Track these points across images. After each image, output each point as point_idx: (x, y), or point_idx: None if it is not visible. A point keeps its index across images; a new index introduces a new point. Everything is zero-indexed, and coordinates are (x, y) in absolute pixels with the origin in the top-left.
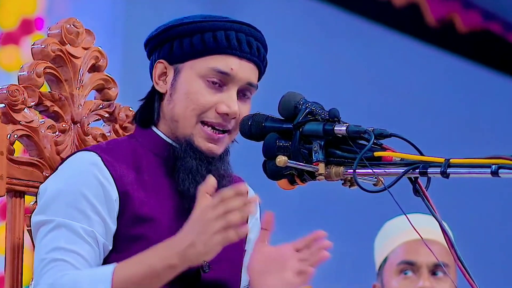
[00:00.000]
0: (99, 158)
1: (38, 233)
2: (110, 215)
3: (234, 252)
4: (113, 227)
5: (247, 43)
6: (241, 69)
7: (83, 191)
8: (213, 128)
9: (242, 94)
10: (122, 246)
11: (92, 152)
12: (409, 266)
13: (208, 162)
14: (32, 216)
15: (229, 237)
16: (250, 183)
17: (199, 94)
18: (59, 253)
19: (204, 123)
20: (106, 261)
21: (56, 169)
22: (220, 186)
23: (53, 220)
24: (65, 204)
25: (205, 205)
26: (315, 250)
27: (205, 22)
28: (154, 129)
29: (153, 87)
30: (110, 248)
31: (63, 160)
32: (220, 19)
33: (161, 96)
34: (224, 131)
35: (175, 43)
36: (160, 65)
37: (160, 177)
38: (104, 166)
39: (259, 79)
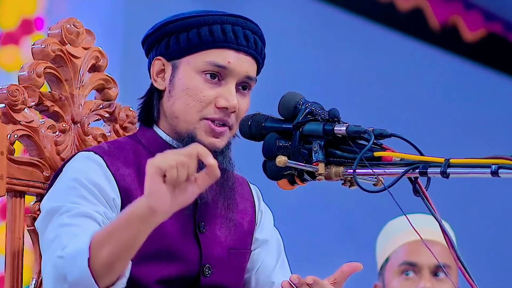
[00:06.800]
0: (101, 158)
1: (43, 223)
2: (111, 209)
3: (235, 257)
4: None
5: (244, 36)
6: (239, 62)
7: (92, 179)
8: (212, 122)
9: (241, 87)
10: None
11: (93, 153)
12: (410, 267)
13: None
14: (40, 207)
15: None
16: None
17: (197, 90)
18: (67, 219)
19: (204, 119)
20: None
21: (60, 170)
22: (221, 180)
23: (62, 206)
24: (68, 192)
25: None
26: None
27: (201, 17)
28: (156, 128)
29: (151, 84)
30: None
31: (65, 162)
32: (216, 13)
33: (160, 93)
34: (224, 125)
35: (172, 39)
36: (158, 62)
37: None
38: (106, 167)
39: (257, 72)
